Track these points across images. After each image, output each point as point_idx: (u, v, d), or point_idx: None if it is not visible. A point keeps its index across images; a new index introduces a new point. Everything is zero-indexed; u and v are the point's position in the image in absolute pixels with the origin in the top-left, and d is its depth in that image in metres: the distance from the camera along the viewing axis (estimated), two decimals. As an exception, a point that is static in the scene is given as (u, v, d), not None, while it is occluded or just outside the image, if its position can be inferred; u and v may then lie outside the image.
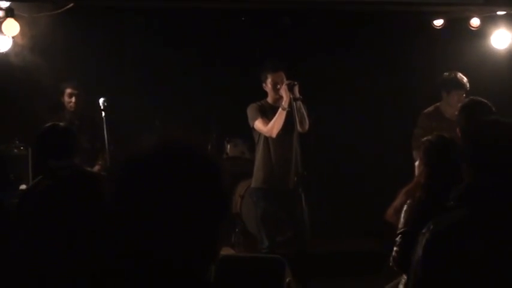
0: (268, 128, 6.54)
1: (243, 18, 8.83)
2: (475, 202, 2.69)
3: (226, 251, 7.58)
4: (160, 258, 1.61)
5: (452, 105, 7.01)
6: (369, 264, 5.99)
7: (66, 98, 7.40)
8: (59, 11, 6.81)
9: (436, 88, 7.23)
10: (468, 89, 6.88)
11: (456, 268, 2.59)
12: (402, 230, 4.11)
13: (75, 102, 7.38)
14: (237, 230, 8.18)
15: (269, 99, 6.77)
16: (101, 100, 7.14)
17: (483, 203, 2.67)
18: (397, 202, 4.27)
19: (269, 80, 6.66)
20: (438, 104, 7.17)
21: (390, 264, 4.22)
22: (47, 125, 4.61)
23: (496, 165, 2.75)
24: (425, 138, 4.44)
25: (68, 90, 7.42)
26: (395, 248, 4.12)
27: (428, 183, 4.12)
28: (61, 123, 4.70)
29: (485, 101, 5.20)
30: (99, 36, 8.17)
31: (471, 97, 5.58)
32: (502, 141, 2.80)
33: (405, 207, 4.14)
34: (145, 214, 1.59)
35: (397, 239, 4.13)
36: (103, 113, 7.10)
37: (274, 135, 6.53)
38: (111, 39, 8.31)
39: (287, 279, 5.05)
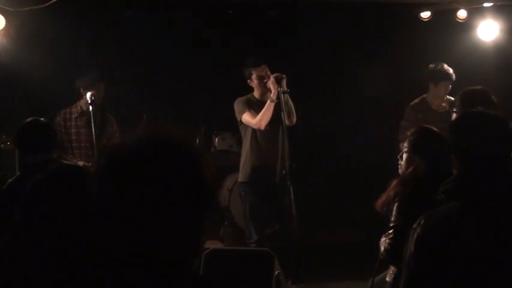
0: (257, 120, 6.54)
1: (230, 12, 8.80)
2: (465, 195, 2.69)
3: (215, 244, 7.58)
4: (144, 250, 1.61)
5: (439, 96, 7.03)
6: (358, 256, 6.00)
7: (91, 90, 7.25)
8: (45, 4, 6.77)
9: (423, 80, 7.24)
10: (454, 79, 6.91)
11: (448, 262, 2.60)
12: (395, 223, 4.10)
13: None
14: (225, 223, 8.17)
15: (256, 94, 6.77)
16: (88, 94, 7.09)
17: (473, 196, 2.67)
18: (388, 192, 4.25)
19: (254, 76, 6.67)
20: (424, 95, 7.19)
21: (381, 257, 4.22)
22: (26, 121, 4.59)
23: (482, 157, 2.75)
24: (412, 130, 4.42)
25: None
26: (388, 241, 4.12)
27: (422, 176, 4.11)
28: (40, 119, 4.67)
29: (485, 88, 5.19)
30: (85, 31, 8.13)
31: (470, 87, 5.57)
32: (486, 132, 2.81)
33: (397, 200, 4.13)
34: (128, 207, 1.59)
35: (390, 232, 4.12)
36: (90, 107, 7.06)
37: (262, 127, 6.53)
38: (98, 33, 8.26)
39: (276, 272, 5.05)
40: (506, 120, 2.89)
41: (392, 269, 4.20)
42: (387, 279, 4.22)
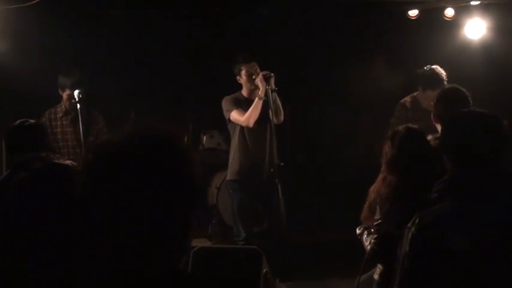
0: (245, 117, 6.53)
1: (218, 9, 8.79)
2: (459, 195, 2.70)
3: (203, 242, 7.58)
4: (131, 248, 1.60)
5: (428, 98, 7.01)
6: (345, 254, 6.01)
7: (64, 96, 7.24)
8: (32, 2, 6.73)
9: (412, 78, 7.24)
10: (445, 85, 6.80)
11: (443, 261, 2.61)
12: (378, 221, 4.12)
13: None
14: (213, 221, 8.18)
15: (244, 92, 6.77)
16: (76, 92, 7.05)
17: (466, 196, 2.68)
18: (369, 202, 4.27)
19: (243, 72, 6.66)
20: (415, 94, 7.16)
21: (368, 256, 4.23)
22: (16, 122, 4.66)
23: (476, 157, 2.76)
24: (394, 130, 4.41)
25: (68, 91, 7.24)
26: (372, 240, 4.13)
27: (400, 175, 4.12)
28: (30, 120, 4.72)
29: (461, 88, 5.18)
30: (72, 29, 8.09)
31: (447, 86, 5.56)
32: (477, 132, 2.81)
33: (379, 200, 4.15)
34: (114, 204, 1.59)
35: (373, 230, 4.14)
36: (78, 105, 7.03)
37: (251, 125, 6.52)
38: (85, 32, 8.22)
39: (264, 270, 5.06)
40: (498, 118, 2.89)
41: (379, 267, 4.21)
42: (375, 277, 4.23)
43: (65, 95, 7.07)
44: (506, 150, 2.85)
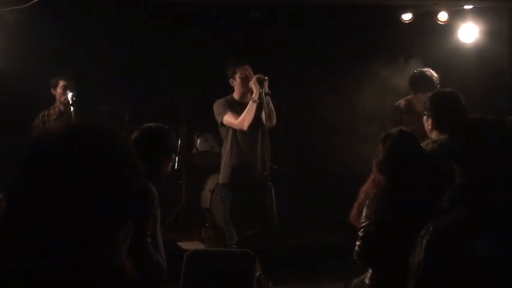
0: (239, 120, 6.53)
1: (212, 13, 8.80)
2: (474, 202, 2.68)
3: (196, 245, 7.58)
4: (57, 249, 1.58)
5: (421, 102, 7.02)
6: (339, 258, 6.01)
7: (59, 91, 7.26)
8: (27, 4, 6.73)
9: (406, 82, 7.25)
10: (437, 87, 6.81)
11: (459, 268, 2.58)
12: (364, 223, 4.12)
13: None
14: (207, 224, 8.17)
15: (235, 95, 6.77)
16: (70, 95, 7.07)
17: (482, 203, 2.67)
18: (358, 202, 4.28)
19: (237, 74, 6.66)
20: (409, 97, 7.18)
21: (354, 258, 4.23)
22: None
23: (488, 164, 2.75)
24: (387, 132, 4.41)
25: (62, 83, 7.28)
26: (357, 242, 4.13)
27: (389, 176, 4.13)
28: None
29: (454, 90, 5.18)
30: (66, 31, 8.09)
31: (440, 89, 5.56)
32: (490, 139, 2.80)
33: (367, 202, 4.16)
34: (41, 198, 1.58)
35: (359, 233, 4.14)
36: (71, 108, 7.04)
37: (245, 128, 6.52)
38: (79, 33, 8.23)
39: (257, 273, 5.06)
40: (508, 124, 2.90)
41: (370, 271, 4.20)
42: (366, 281, 4.22)
43: (58, 89, 7.10)
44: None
